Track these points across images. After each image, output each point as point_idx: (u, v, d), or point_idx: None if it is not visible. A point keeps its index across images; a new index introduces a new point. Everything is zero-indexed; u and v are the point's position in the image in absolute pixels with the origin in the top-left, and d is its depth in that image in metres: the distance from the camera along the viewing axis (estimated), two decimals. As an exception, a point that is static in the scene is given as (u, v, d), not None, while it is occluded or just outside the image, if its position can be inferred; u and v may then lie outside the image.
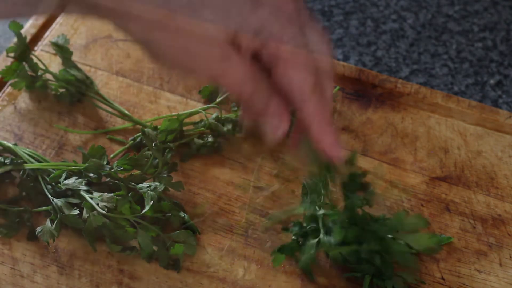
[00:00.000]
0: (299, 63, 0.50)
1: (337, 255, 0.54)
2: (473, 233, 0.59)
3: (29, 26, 0.71)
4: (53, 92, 0.66)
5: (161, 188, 0.56)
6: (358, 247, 0.53)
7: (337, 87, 0.67)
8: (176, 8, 0.48)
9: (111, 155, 0.62)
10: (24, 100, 0.66)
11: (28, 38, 0.70)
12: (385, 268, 0.54)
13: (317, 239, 0.54)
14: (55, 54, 0.69)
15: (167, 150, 0.59)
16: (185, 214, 0.58)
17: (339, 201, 0.56)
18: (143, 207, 0.55)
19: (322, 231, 0.54)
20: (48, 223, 0.56)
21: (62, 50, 0.65)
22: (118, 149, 0.63)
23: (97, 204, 0.55)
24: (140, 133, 0.61)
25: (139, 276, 0.56)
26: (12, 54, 0.63)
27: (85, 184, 0.57)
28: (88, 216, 0.55)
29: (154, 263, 0.57)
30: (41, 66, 0.65)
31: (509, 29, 0.79)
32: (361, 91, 0.68)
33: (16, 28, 0.62)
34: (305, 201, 0.56)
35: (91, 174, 0.57)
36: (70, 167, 0.58)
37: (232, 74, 0.50)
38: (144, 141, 0.61)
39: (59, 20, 0.72)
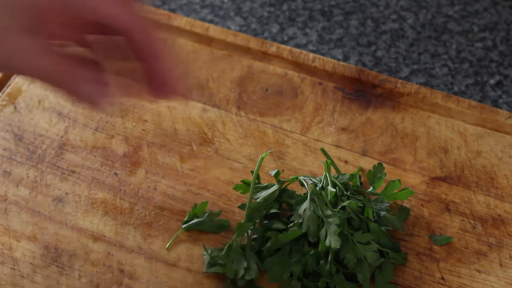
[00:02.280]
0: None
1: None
2: (473, 233, 0.59)
3: (29, 26, 0.71)
4: None
5: None
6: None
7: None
8: None
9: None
10: (24, 100, 0.66)
11: (28, 38, 0.70)
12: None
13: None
14: (55, 54, 0.69)
15: None
16: None
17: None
18: None
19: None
20: None
21: None
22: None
23: None
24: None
25: (139, 276, 0.56)
26: None
27: None
28: None
29: (154, 263, 0.57)
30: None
31: (509, 29, 0.79)
32: (361, 91, 0.68)
33: None
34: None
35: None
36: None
37: (34, 63, 0.47)
38: None
39: (59, 20, 0.72)
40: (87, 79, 0.48)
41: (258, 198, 0.58)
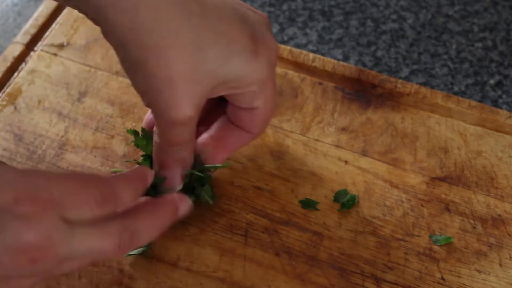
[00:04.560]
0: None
1: None
2: (473, 233, 0.59)
3: (29, 26, 0.71)
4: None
5: None
6: None
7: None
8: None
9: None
10: (24, 100, 0.66)
11: (28, 38, 0.70)
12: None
13: None
14: (55, 54, 0.69)
15: None
16: None
17: None
18: None
19: None
20: None
21: None
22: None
23: None
24: None
25: (139, 276, 0.56)
26: None
27: None
28: None
29: (154, 264, 0.57)
30: (42, 67, 0.65)
31: (509, 29, 0.79)
32: (361, 91, 0.68)
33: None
34: None
35: None
36: None
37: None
38: None
39: (59, 20, 0.72)
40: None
41: None
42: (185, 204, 0.51)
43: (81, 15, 0.72)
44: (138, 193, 0.48)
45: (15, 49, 0.69)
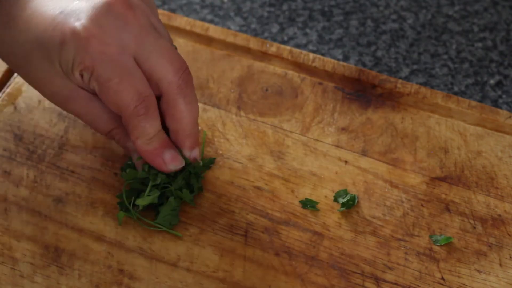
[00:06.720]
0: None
1: None
2: (473, 233, 0.59)
3: (29, 26, 0.71)
4: None
5: None
6: None
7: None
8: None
9: None
10: (24, 100, 0.66)
11: (28, 38, 0.70)
12: None
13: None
14: (55, 54, 0.69)
15: None
16: None
17: None
18: None
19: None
20: None
21: None
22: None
23: None
24: None
25: (139, 276, 0.56)
26: None
27: None
28: None
29: (154, 263, 0.57)
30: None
31: (509, 29, 0.79)
32: (361, 91, 0.68)
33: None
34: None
35: None
36: None
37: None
38: None
39: (59, 20, 0.72)
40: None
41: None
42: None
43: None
44: None
45: (15, 49, 0.69)
